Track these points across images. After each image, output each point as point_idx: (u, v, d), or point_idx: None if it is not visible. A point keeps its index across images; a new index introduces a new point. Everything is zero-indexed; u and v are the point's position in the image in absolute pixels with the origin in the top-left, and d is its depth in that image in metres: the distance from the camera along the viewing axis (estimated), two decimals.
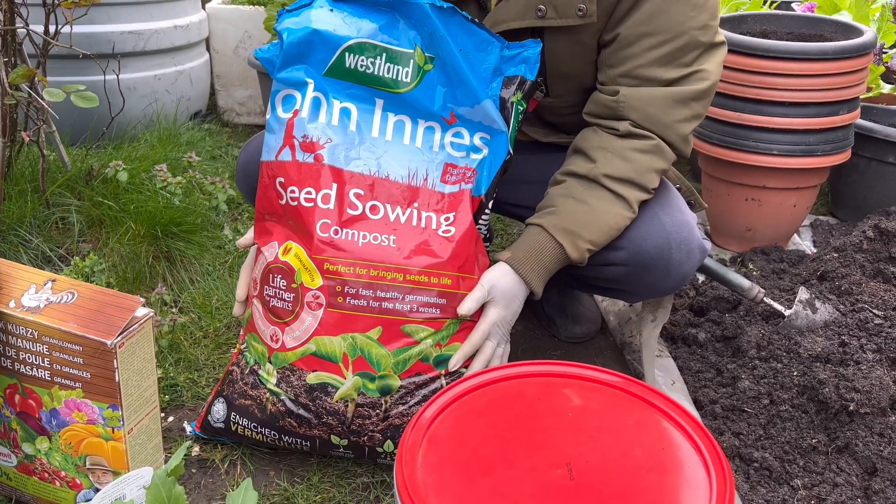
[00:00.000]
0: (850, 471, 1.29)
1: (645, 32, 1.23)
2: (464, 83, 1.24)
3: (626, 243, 1.30)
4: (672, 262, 1.30)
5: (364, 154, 1.27)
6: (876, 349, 1.48)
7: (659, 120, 1.26)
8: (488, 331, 1.26)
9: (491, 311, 1.26)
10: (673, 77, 1.25)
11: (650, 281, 1.33)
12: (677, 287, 1.36)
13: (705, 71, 1.26)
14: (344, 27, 1.25)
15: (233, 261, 1.98)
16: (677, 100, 1.26)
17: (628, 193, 1.27)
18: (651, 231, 1.29)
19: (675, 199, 1.35)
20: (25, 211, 1.89)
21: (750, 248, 2.13)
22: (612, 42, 1.27)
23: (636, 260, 1.30)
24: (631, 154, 1.27)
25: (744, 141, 2.01)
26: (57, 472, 1.17)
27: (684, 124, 1.28)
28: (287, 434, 1.26)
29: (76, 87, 1.74)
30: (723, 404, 1.44)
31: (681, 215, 1.32)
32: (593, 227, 1.26)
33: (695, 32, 1.24)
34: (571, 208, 1.27)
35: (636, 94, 1.26)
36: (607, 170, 1.26)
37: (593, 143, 1.30)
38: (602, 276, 1.36)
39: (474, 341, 1.26)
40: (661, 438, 0.94)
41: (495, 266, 1.29)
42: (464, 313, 1.23)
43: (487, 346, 1.27)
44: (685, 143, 1.30)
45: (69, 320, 1.08)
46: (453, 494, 0.85)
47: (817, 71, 1.92)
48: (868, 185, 2.27)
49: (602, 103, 1.29)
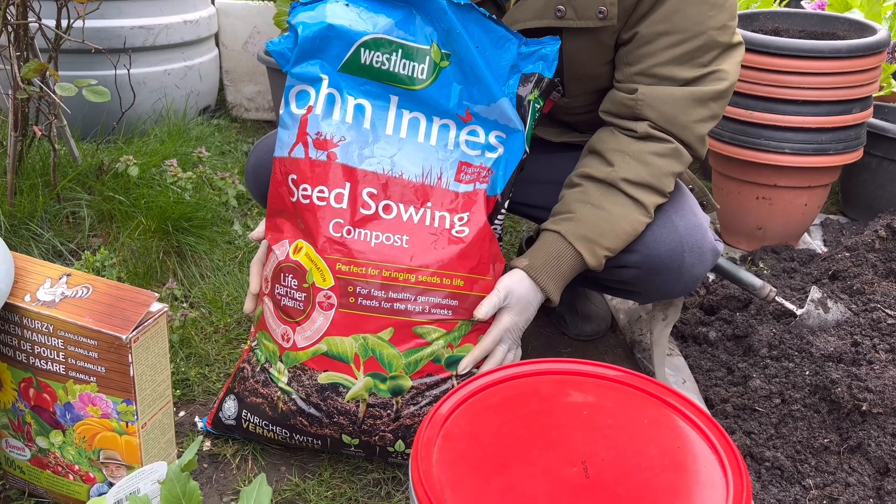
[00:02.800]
0: (862, 471, 1.29)
1: (663, 31, 1.23)
2: (480, 80, 1.23)
3: (639, 246, 1.29)
4: (685, 265, 1.30)
5: (378, 152, 1.26)
6: (889, 349, 1.47)
7: (677, 120, 1.25)
8: (500, 336, 1.26)
9: (505, 317, 1.26)
10: (691, 76, 1.25)
11: (662, 284, 1.32)
12: (689, 290, 1.36)
13: (723, 71, 1.26)
14: (360, 22, 1.24)
15: (243, 256, 1.98)
16: (696, 99, 1.25)
17: (646, 198, 1.26)
18: (664, 235, 1.29)
19: (688, 201, 1.35)
20: (37, 205, 1.89)
21: (760, 246, 2.12)
22: (630, 40, 1.26)
23: (649, 263, 1.30)
24: (649, 158, 1.26)
25: (755, 139, 2.00)
26: (71, 465, 1.17)
27: (702, 125, 1.27)
28: (298, 432, 1.26)
29: (88, 81, 1.75)
30: (734, 403, 1.44)
31: (693, 218, 1.31)
32: (611, 234, 1.26)
33: (713, 32, 1.23)
34: (590, 215, 1.26)
35: (655, 93, 1.25)
36: (625, 174, 1.26)
37: (611, 146, 1.29)
38: (614, 277, 1.35)
39: (485, 345, 1.26)
40: (676, 436, 0.94)
41: (512, 272, 1.28)
42: (480, 317, 1.23)
43: (499, 350, 1.27)
44: (701, 144, 1.29)
45: (84, 315, 1.08)
46: (468, 491, 0.85)
47: (830, 69, 1.91)
48: (880, 185, 2.26)
49: (620, 102, 1.29)
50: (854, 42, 1.92)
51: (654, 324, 1.56)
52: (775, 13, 2.21)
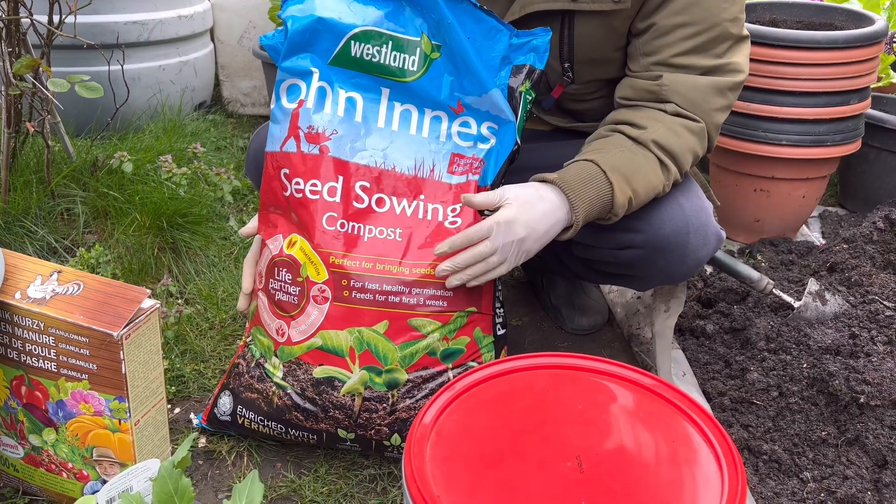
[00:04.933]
0: (860, 463, 1.28)
1: (681, 23, 1.24)
2: (471, 72, 1.22)
3: (644, 226, 1.28)
4: (689, 246, 1.29)
5: (370, 145, 1.25)
6: (886, 341, 1.47)
7: (699, 106, 1.27)
8: (489, 229, 1.16)
9: (501, 211, 1.17)
10: (708, 66, 1.27)
11: (666, 265, 1.31)
12: (691, 274, 1.35)
13: (737, 63, 1.28)
14: (349, 14, 1.23)
15: (238, 252, 1.97)
16: (717, 88, 1.27)
17: (670, 166, 1.26)
18: (670, 214, 1.28)
19: (694, 185, 1.36)
20: (31, 202, 1.89)
21: (758, 239, 2.11)
22: (646, 31, 1.27)
23: (654, 243, 1.28)
24: (681, 130, 1.26)
25: (753, 131, 1.99)
26: (64, 463, 1.17)
27: (720, 113, 1.29)
28: (294, 427, 1.26)
29: (80, 77, 1.73)
30: (731, 396, 1.43)
31: (699, 201, 1.32)
32: (642, 178, 1.23)
33: (727, 24, 1.26)
34: (622, 154, 1.23)
35: (679, 80, 1.26)
36: (657, 137, 1.25)
37: (642, 114, 1.28)
38: (617, 260, 1.34)
39: (470, 233, 1.16)
40: (671, 431, 0.93)
41: (526, 184, 1.21)
42: (466, 202, 1.18)
43: (483, 245, 1.16)
44: (716, 133, 1.31)
45: (75, 311, 1.07)
46: (462, 487, 0.85)
47: (827, 60, 1.90)
48: (878, 176, 2.25)
49: (643, 88, 1.29)
50: (852, 32, 1.91)
51: (656, 315, 1.54)
52: (773, 4, 2.20)
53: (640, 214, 1.28)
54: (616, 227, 1.28)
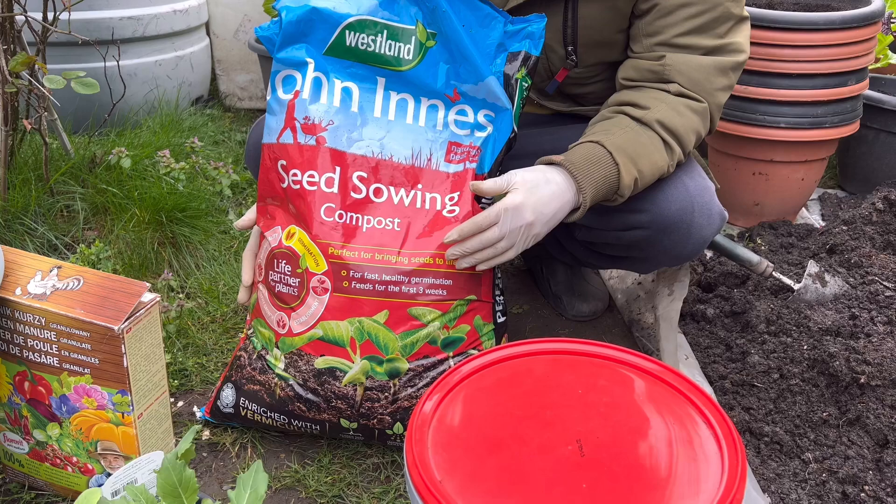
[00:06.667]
0: (861, 443, 1.29)
1: (683, 3, 1.25)
2: (467, 59, 1.22)
3: (649, 205, 1.28)
4: (693, 225, 1.29)
5: (367, 135, 1.25)
6: (887, 321, 1.47)
7: (702, 86, 1.27)
8: (497, 215, 1.16)
9: (508, 196, 1.17)
10: (711, 46, 1.27)
11: (671, 245, 1.31)
12: (695, 254, 1.35)
13: (739, 43, 1.29)
14: (343, 4, 1.23)
15: (238, 245, 1.97)
16: (718, 68, 1.28)
17: (674, 146, 1.26)
18: (675, 193, 1.28)
19: (697, 166, 1.36)
20: (30, 199, 1.89)
21: (758, 222, 2.11)
22: (648, 11, 1.27)
23: (658, 222, 1.29)
24: (684, 110, 1.26)
25: (750, 114, 1.99)
26: (69, 457, 1.18)
27: (722, 93, 1.30)
28: (296, 418, 1.26)
29: (76, 73, 1.73)
30: (732, 379, 1.44)
31: (703, 181, 1.32)
32: (647, 159, 1.23)
33: (728, 4, 1.27)
34: (627, 135, 1.23)
35: (682, 59, 1.27)
36: (660, 116, 1.25)
37: (644, 95, 1.28)
38: (620, 241, 1.34)
39: (478, 220, 1.17)
40: (671, 414, 0.93)
41: (532, 168, 1.21)
42: (475, 188, 1.20)
43: (492, 230, 1.17)
44: (718, 114, 1.32)
45: (76, 306, 1.07)
46: (464, 472, 0.85)
47: (824, 41, 1.89)
48: (877, 157, 2.25)
49: (646, 69, 1.29)
50: (848, 13, 1.90)
51: (659, 300, 1.54)
52: None
53: (645, 195, 1.28)
54: (621, 208, 1.28)
